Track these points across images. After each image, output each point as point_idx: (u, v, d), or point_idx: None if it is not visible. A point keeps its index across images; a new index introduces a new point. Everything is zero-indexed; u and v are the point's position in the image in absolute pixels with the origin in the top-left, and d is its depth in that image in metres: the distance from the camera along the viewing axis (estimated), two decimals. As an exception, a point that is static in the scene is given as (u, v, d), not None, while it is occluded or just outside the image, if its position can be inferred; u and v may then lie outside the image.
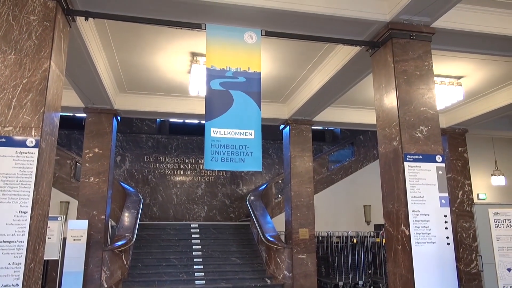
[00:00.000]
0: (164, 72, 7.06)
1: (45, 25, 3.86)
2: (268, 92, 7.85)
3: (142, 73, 7.14)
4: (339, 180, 11.42)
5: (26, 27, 3.83)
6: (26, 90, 3.68)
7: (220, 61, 4.34)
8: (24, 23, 3.84)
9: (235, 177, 12.97)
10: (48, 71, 3.75)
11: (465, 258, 8.94)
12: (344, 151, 12.64)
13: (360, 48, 5.31)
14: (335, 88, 6.88)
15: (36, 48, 3.79)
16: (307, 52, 6.31)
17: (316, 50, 6.20)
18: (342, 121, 9.20)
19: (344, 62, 5.87)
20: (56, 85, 3.96)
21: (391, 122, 4.61)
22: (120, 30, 5.62)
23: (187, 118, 9.46)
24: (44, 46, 3.81)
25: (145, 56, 6.45)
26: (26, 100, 3.65)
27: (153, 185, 12.42)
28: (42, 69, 3.75)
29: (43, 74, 3.74)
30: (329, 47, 6.09)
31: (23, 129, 3.58)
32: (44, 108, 3.66)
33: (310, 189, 8.55)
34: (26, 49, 3.77)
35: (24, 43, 3.79)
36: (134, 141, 12.71)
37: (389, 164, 4.56)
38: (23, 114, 3.61)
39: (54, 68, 3.89)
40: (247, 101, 4.28)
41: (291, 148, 8.65)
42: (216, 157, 4.10)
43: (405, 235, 4.16)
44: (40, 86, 3.71)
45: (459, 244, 8.96)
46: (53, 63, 3.85)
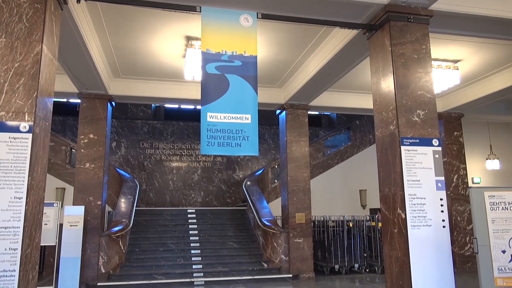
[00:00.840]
0: (158, 56, 6.96)
1: (36, 7, 3.77)
2: (264, 76, 7.78)
3: (136, 58, 7.04)
4: (335, 165, 11.46)
5: (17, 10, 3.73)
6: (18, 74, 3.61)
7: (216, 45, 4.27)
8: (14, 5, 3.74)
9: (231, 162, 12.98)
10: (40, 55, 3.68)
11: (459, 241, 9.07)
12: (340, 136, 12.65)
13: (357, 31, 5.25)
14: (332, 72, 6.83)
15: (27, 31, 3.71)
16: (304, 36, 6.23)
17: (313, 33, 6.13)
18: (339, 105, 9.18)
19: (341, 45, 5.81)
20: (48, 69, 3.89)
21: (388, 106, 4.59)
22: (113, 13, 5.51)
23: (182, 103, 9.39)
24: (35, 29, 3.72)
25: (139, 40, 6.35)
26: (18, 85, 3.59)
27: (149, 171, 12.40)
28: (34, 52, 3.67)
29: (35, 58, 3.67)
30: (326, 31, 6.02)
31: (16, 114, 3.52)
32: (37, 92, 3.60)
33: (307, 174, 8.58)
34: (17, 32, 3.69)
35: (15, 26, 3.70)
36: (129, 127, 12.63)
37: (386, 148, 4.56)
38: (15, 99, 3.55)
39: (46, 52, 3.81)
40: (243, 85, 4.24)
41: (288, 133, 8.64)
42: (212, 142, 4.08)
43: (401, 218, 4.19)
44: (32, 70, 3.64)
45: (454, 228, 9.08)
46: (45, 47, 3.77)
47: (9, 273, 3.23)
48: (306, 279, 8.11)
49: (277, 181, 11.05)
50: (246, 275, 7.97)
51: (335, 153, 11.67)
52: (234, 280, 7.75)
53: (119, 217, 8.41)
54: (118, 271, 7.73)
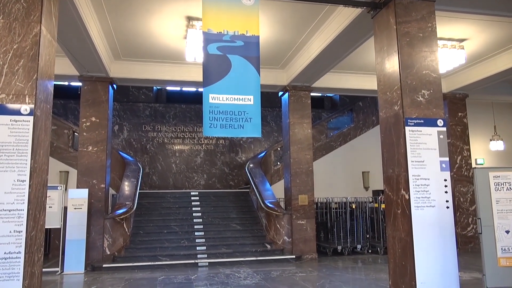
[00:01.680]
0: (159, 37, 6.87)
1: (33, -13, 3.68)
2: (267, 57, 7.68)
3: (136, 39, 6.94)
4: (338, 147, 11.45)
5: (13, -11, 3.65)
6: (17, 56, 3.56)
7: (217, 24, 4.19)
8: (10, -16, 3.66)
9: (234, 145, 12.98)
10: (39, 36, 3.62)
11: (461, 222, 9.11)
12: (343, 118, 12.59)
13: (361, 10, 5.14)
14: (335, 52, 6.73)
15: (25, 12, 3.64)
16: (307, 15, 6.11)
17: (316, 13, 6.01)
18: (341, 87, 9.10)
19: (345, 25, 5.70)
20: (48, 51, 3.83)
21: (392, 86, 4.53)
22: (112, -7, 5.40)
23: (184, 85, 9.32)
24: (33, 10, 3.66)
25: (139, 21, 6.25)
26: (17, 67, 3.54)
27: (152, 154, 12.43)
28: (33, 33, 3.61)
29: (34, 39, 3.61)
30: (329, 9, 5.90)
31: (16, 97, 3.49)
32: (37, 74, 3.56)
33: (309, 156, 8.57)
34: (15, 13, 3.62)
35: (13, 7, 3.63)
36: (131, 110, 12.59)
37: (390, 129, 4.52)
38: (15, 81, 3.52)
39: (45, 33, 3.75)
40: (245, 66, 4.17)
41: (290, 115, 8.59)
42: (215, 124, 4.05)
43: (405, 199, 4.18)
44: (31, 52, 3.59)
45: (456, 208, 9.11)
46: (44, 28, 3.71)
47: (14, 255, 3.26)
48: (309, 260, 8.20)
49: (280, 163, 11.06)
50: (249, 256, 8.06)
51: (338, 135, 11.63)
52: (238, 261, 7.84)
53: (123, 200, 8.47)
54: (123, 253, 7.83)
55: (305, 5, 5.64)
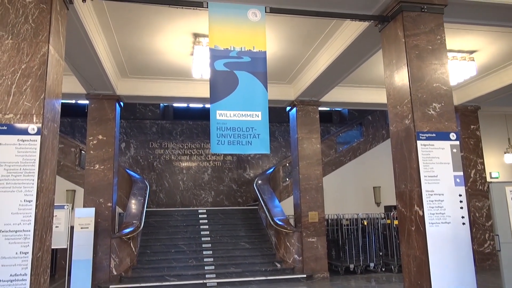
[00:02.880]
0: (166, 54, 6.96)
1: (41, 7, 3.77)
2: (274, 72, 7.73)
3: (143, 57, 7.05)
4: (348, 162, 11.37)
5: (22, 10, 3.74)
6: (25, 75, 3.62)
7: (224, 41, 4.24)
8: (20, 6, 3.75)
9: (242, 161, 12.96)
10: (47, 56, 3.69)
11: (478, 238, 8.91)
12: (352, 132, 12.55)
13: (368, 23, 5.17)
14: (343, 66, 6.75)
15: (33, 32, 3.72)
16: (313, 30, 6.17)
17: (323, 27, 6.06)
18: (350, 101, 9.08)
19: (352, 38, 5.73)
20: (56, 70, 3.90)
21: (402, 99, 4.51)
22: (119, 11, 5.51)
23: (191, 102, 9.39)
24: (41, 30, 3.73)
25: (146, 39, 6.35)
26: (25, 86, 3.60)
27: (159, 172, 12.45)
28: (41, 53, 3.68)
29: (42, 59, 3.67)
30: (336, 24, 5.94)
31: (24, 116, 3.54)
32: (45, 94, 3.61)
33: (319, 171, 8.52)
34: (23, 33, 3.70)
35: (21, 27, 3.71)
36: (138, 127, 12.69)
37: (401, 143, 4.48)
38: (23, 101, 3.57)
39: (53, 52, 3.82)
40: (253, 81, 4.20)
41: (298, 130, 8.58)
42: (222, 141, 4.05)
43: (419, 215, 4.11)
44: (39, 72, 3.65)
45: (472, 224, 8.92)
46: (52, 47, 3.78)
47: (20, 277, 3.24)
48: (320, 279, 8.05)
49: (289, 179, 11.00)
50: (259, 275, 7.94)
51: (347, 149, 11.57)
52: (247, 281, 7.73)
53: (130, 219, 8.45)
54: (130, 273, 7.77)
55: (311, 20, 5.69)
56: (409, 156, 4.31)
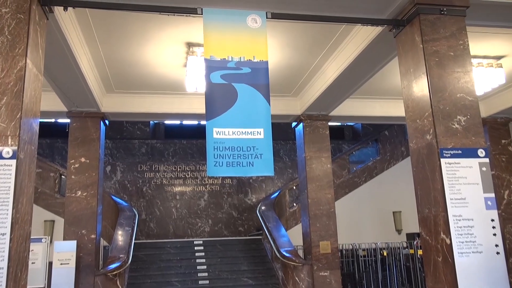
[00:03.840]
0: (156, 66, 7.05)
1: (18, 17, 3.85)
2: (277, 84, 7.79)
3: (131, 69, 7.13)
4: (363, 184, 11.33)
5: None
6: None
7: (221, 50, 4.30)
8: (-6, 16, 3.83)
9: (243, 184, 12.93)
10: (24, 71, 3.74)
11: (515, 269, 8.78)
12: (367, 150, 12.56)
13: (382, 28, 5.24)
14: (355, 76, 6.80)
15: (9, 45, 3.78)
16: (320, 37, 6.25)
17: (331, 33, 6.14)
18: (364, 114, 9.12)
19: (364, 45, 5.80)
20: (34, 86, 3.95)
21: (422, 112, 4.53)
22: (104, 21, 5.61)
23: (184, 118, 9.46)
24: (18, 42, 3.80)
25: (134, 49, 6.44)
26: (0, 105, 3.64)
27: (149, 198, 12.42)
28: (17, 68, 3.74)
29: (19, 74, 3.73)
30: (346, 29, 6.03)
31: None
32: (21, 113, 3.65)
33: (330, 195, 8.48)
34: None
35: (-4, 40, 3.78)
36: (126, 148, 12.74)
37: (423, 162, 4.48)
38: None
39: (31, 67, 3.88)
40: (253, 95, 4.23)
41: (306, 148, 8.59)
42: (220, 162, 4.06)
43: (446, 244, 4.07)
44: (15, 88, 3.70)
45: (508, 253, 8.81)
46: (30, 61, 3.84)
47: (-9, 322, 3.20)
48: (335, 319, 7.92)
49: (296, 204, 10.95)
50: (264, 316, 7.82)
51: (362, 169, 11.56)
52: (251, 322, 7.60)
53: (116, 253, 8.39)
54: (116, 315, 7.66)
55: (317, 26, 5.77)
56: (432, 176, 4.30)
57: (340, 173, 11.41)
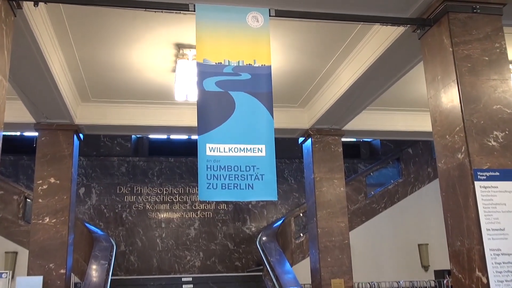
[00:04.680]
0: (140, 71, 7.08)
1: (-20, 14, 3.89)
2: (281, 93, 7.81)
3: (110, 75, 7.16)
4: (383, 210, 11.29)
5: (-45, 18, 3.86)
6: (-44, 101, 3.68)
7: (216, 53, 4.33)
8: (-48, 12, 3.87)
9: (240, 211, 12.87)
10: (-15, 75, 3.76)
11: None
12: (387, 170, 12.54)
13: (404, 29, 5.27)
14: (372, 84, 6.83)
15: (-32, 45, 3.81)
16: (332, 38, 6.28)
17: (344, 34, 6.18)
18: (383, 129, 9.13)
19: (384, 48, 5.83)
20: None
21: (452, 126, 4.53)
22: (81, 19, 5.65)
23: (172, 132, 9.47)
24: (-21, 42, 3.83)
25: (114, 52, 6.48)
26: (-44, 115, 3.65)
27: (130, 226, 12.35)
28: (-23, 72, 3.75)
29: (-21, 79, 3.74)
30: (362, 30, 6.07)
31: (-48, 154, 3.56)
32: (-20, 124, 3.65)
33: (344, 223, 8.43)
34: (-44, 47, 3.79)
35: (-47, 39, 3.81)
36: (103, 166, 12.72)
37: (453, 185, 4.46)
38: (-48, 134, 3.60)
39: (-7, 71, 3.89)
40: (254, 105, 4.24)
41: (315, 168, 8.56)
42: (214, 184, 4.05)
43: (482, 283, 4.03)
44: (-26, 96, 3.70)
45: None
46: (-8, 64, 3.86)
47: None
48: None
49: (304, 234, 10.91)
50: None
51: (381, 193, 11.53)
52: None
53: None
54: None
55: (329, 25, 5.80)
56: (465, 202, 4.28)
57: (355, 198, 11.36)
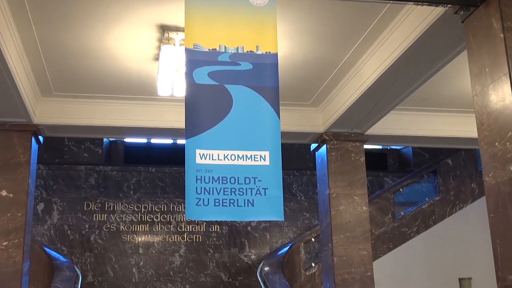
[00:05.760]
0: (115, 60, 7.07)
1: None
2: (290, 88, 7.80)
3: (79, 64, 7.15)
4: (415, 236, 11.29)
5: None
6: None
7: (209, 37, 4.31)
8: None
9: (237, 234, 12.85)
10: None
11: None
12: (421, 186, 12.54)
13: (444, 9, 5.27)
14: (402, 79, 6.82)
15: None
16: (353, 22, 6.29)
17: (368, 17, 6.18)
18: (416, 134, 9.12)
19: (417, 34, 5.82)
20: None
21: (504, 131, 4.52)
22: (42, -7, 5.67)
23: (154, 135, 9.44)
24: None
25: (85, 35, 6.47)
26: None
27: (99, 251, 12.32)
28: None
29: None
30: (391, 11, 6.07)
31: None
32: None
33: (367, 251, 8.40)
34: None
35: None
36: (67, 177, 12.71)
37: (504, 205, 4.44)
38: None
39: None
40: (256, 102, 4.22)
41: (331, 182, 8.54)
42: (205, 199, 4.02)
43: (539, 328, 4.01)
44: None
45: None
46: None
47: None
48: None
49: (316, 264, 10.92)
50: None
51: (413, 214, 11.54)
52: None
53: (48, 332, 8.29)
54: None
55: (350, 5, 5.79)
56: (519, 226, 4.27)
57: (380, 220, 11.34)
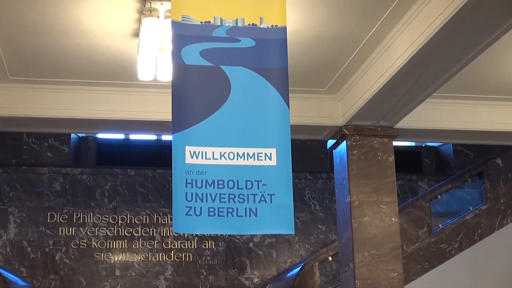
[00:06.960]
0: (85, 36, 7.09)
1: None
2: (302, 71, 7.83)
3: (41, 41, 7.18)
4: (457, 253, 11.31)
5: None
6: None
7: (202, 7, 4.35)
8: None
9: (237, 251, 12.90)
10: None
11: None
12: (464, 192, 12.54)
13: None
14: (440, 60, 6.82)
15: None
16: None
17: (399, -18, 6.22)
18: (457, 128, 9.12)
19: (458, 5, 5.83)
20: None
21: None
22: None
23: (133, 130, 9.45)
24: None
25: (49, 7, 6.49)
26: None
27: (67, 273, 12.37)
28: None
29: None
30: (425, -24, 6.11)
31: None
32: None
33: (397, 272, 8.43)
34: None
35: None
36: (26, 181, 12.74)
37: None
38: None
39: None
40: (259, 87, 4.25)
41: (352, 186, 8.56)
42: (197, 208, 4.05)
43: None
44: None
45: None
46: None
47: None
48: None
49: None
50: None
51: (454, 227, 11.56)
52: None
53: None
54: None
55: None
56: None
57: (414, 234, 11.37)
